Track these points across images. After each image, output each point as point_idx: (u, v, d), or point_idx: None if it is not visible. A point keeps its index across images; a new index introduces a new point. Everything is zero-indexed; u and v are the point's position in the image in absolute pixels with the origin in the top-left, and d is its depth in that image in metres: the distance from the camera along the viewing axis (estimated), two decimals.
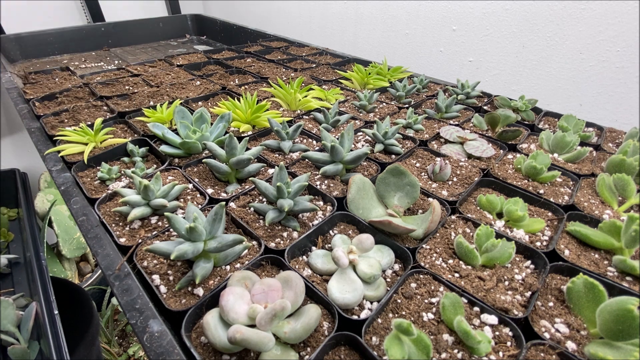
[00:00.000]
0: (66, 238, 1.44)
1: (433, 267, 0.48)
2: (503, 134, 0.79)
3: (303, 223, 0.56)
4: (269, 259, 0.49)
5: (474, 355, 0.38)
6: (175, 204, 0.58)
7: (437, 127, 0.87)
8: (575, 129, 0.82)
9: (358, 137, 0.82)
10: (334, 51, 1.47)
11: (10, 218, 1.17)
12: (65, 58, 1.57)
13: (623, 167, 0.66)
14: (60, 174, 0.67)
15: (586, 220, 0.56)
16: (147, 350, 0.38)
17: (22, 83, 1.09)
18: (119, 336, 1.51)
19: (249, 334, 0.34)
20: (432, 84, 1.16)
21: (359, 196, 0.58)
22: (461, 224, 0.56)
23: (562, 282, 0.47)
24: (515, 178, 0.67)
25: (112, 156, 0.73)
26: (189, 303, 0.43)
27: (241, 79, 1.17)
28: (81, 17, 1.89)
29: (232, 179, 0.66)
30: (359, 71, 1.09)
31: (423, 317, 0.42)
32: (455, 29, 1.31)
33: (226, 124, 0.77)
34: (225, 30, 1.88)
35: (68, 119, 0.86)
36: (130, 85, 1.07)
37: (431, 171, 0.68)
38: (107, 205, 0.59)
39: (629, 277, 0.48)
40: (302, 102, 0.94)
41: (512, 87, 1.25)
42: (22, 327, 0.74)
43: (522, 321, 0.41)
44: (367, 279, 0.45)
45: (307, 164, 0.71)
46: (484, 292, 0.45)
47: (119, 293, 0.44)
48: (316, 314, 0.39)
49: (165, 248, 0.44)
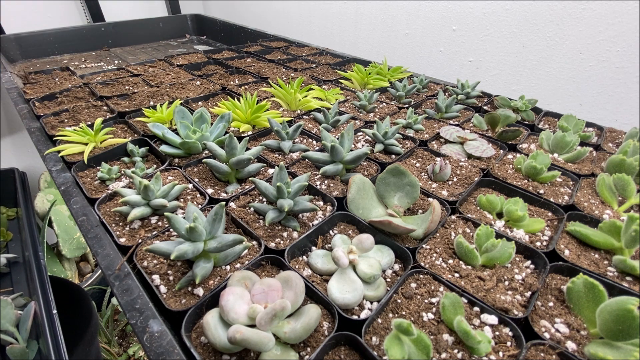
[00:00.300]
0: (66, 238, 1.44)
1: (433, 267, 0.48)
2: (503, 134, 0.79)
3: (303, 223, 0.56)
4: (269, 259, 0.49)
5: (474, 355, 0.38)
6: (175, 204, 0.58)
7: (437, 127, 0.87)
8: (575, 129, 0.82)
9: (358, 137, 0.82)
10: (334, 51, 1.47)
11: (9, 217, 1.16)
12: (65, 58, 1.57)
13: (623, 167, 0.66)
14: (60, 174, 0.67)
15: (586, 220, 0.56)
16: (147, 350, 0.38)
17: (22, 83, 1.09)
18: (119, 336, 1.51)
19: (249, 334, 0.34)
20: (432, 84, 1.16)
21: (359, 196, 0.58)
22: (461, 224, 0.56)
23: (562, 282, 0.47)
24: (515, 178, 0.67)
25: (112, 156, 0.73)
26: (189, 303, 0.43)
27: (241, 79, 1.17)
28: (81, 17, 1.89)
29: (232, 179, 0.67)
30: (359, 71, 1.09)
31: (423, 317, 0.42)
32: (455, 29, 1.31)
33: (226, 124, 0.77)
34: (225, 30, 1.88)
35: (68, 119, 0.86)
36: (130, 85, 1.07)
37: (431, 171, 0.68)
38: (107, 205, 0.60)
39: (629, 277, 0.48)
40: (302, 102, 0.94)
41: (512, 87, 1.25)
42: (20, 327, 0.74)
43: (522, 321, 0.41)
44: (367, 279, 0.45)
45: (307, 164, 0.71)
46: (484, 292, 0.45)
47: (119, 293, 0.44)
48: (316, 314, 0.39)
49: (165, 248, 0.44)
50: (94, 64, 1.50)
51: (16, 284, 0.91)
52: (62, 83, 1.09)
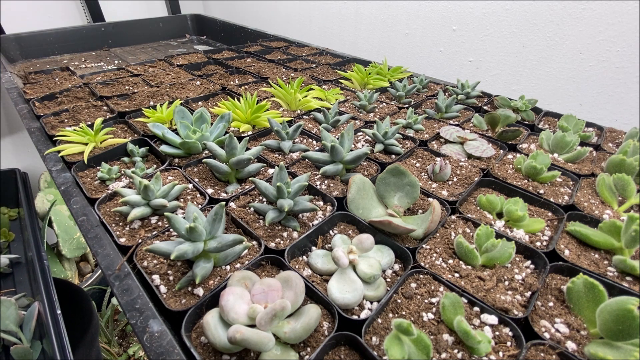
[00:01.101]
0: (66, 238, 1.44)
1: (433, 267, 0.48)
2: (503, 134, 0.79)
3: (303, 223, 0.56)
4: (269, 259, 0.49)
5: (474, 355, 0.38)
6: (175, 204, 0.58)
7: (437, 127, 0.87)
8: (575, 129, 0.82)
9: (358, 137, 0.82)
10: (334, 51, 1.47)
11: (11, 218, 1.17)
12: (65, 58, 1.57)
13: (623, 167, 0.66)
14: (60, 174, 0.67)
15: (586, 220, 0.56)
16: (147, 350, 0.38)
17: (22, 83, 1.09)
18: (119, 336, 1.51)
19: (249, 334, 0.34)
20: (432, 84, 1.16)
21: (359, 196, 0.58)
22: (461, 224, 0.56)
23: (562, 282, 0.47)
24: (515, 178, 0.67)
25: (112, 156, 0.73)
26: (189, 303, 0.43)
27: (241, 79, 1.17)
28: (81, 17, 1.89)
29: (232, 179, 0.66)
30: (359, 71, 1.09)
31: (423, 317, 0.42)
32: (455, 29, 1.31)
33: (226, 124, 0.77)
34: (225, 30, 1.88)
35: (68, 119, 0.86)
36: (130, 85, 1.07)
37: (431, 171, 0.68)
38: (107, 205, 0.59)
39: (629, 277, 0.48)
40: (302, 102, 0.94)
41: (512, 87, 1.25)
42: (24, 327, 0.74)
43: (522, 321, 0.41)
44: (367, 279, 0.45)
45: (307, 164, 0.71)
46: (484, 292, 0.45)
47: (119, 293, 0.44)
48: (316, 314, 0.39)
49: (165, 248, 0.44)
50: (94, 64, 1.50)
51: (19, 285, 0.91)
52: (62, 83, 1.09)
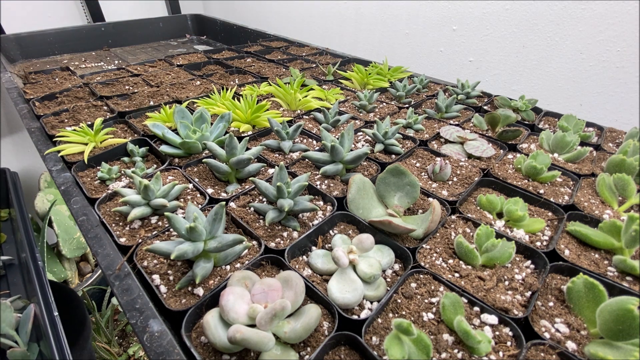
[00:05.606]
0: (66, 238, 1.44)
1: (433, 267, 0.48)
2: (503, 134, 0.79)
3: (303, 223, 0.56)
4: (269, 258, 0.49)
5: (474, 355, 0.38)
6: (175, 203, 0.58)
7: (437, 127, 0.87)
8: (575, 129, 0.82)
9: (358, 137, 0.82)
10: (334, 51, 1.47)
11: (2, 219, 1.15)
12: (65, 58, 1.57)
13: (623, 167, 0.66)
14: (60, 173, 0.67)
15: (586, 220, 0.56)
16: (147, 350, 0.38)
17: (22, 83, 1.09)
18: (119, 336, 1.51)
19: (249, 333, 0.34)
20: (432, 84, 1.16)
21: (359, 196, 0.58)
22: (461, 223, 0.56)
23: (562, 282, 0.47)
24: (516, 178, 0.67)
25: (112, 156, 0.73)
26: (189, 303, 0.43)
27: (241, 79, 1.17)
28: (81, 17, 1.89)
29: (232, 179, 0.66)
30: (359, 71, 1.09)
31: (423, 317, 0.42)
32: (455, 29, 1.31)
33: (226, 124, 0.77)
34: (225, 30, 1.88)
35: (68, 119, 0.86)
36: (130, 85, 1.07)
37: (431, 171, 0.68)
38: (107, 205, 0.59)
39: (629, 277, 0.48)
40: (302, 102, 0.94)
41: (512, 87, 1.25)
42: (20, 330, 0.73)
43: (522, 321, 0.41)
44: (367, 278, 0.45)
45: (307, 164, 0.71)
46: (484, 292, 0.45)
47: (119, 293, 0.44)
48: (316, 313, 0.39)
49: (166, 248, 0.44)
50: (94, 64, 1.50)
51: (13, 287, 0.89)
52: (62, 83, 1.09)
